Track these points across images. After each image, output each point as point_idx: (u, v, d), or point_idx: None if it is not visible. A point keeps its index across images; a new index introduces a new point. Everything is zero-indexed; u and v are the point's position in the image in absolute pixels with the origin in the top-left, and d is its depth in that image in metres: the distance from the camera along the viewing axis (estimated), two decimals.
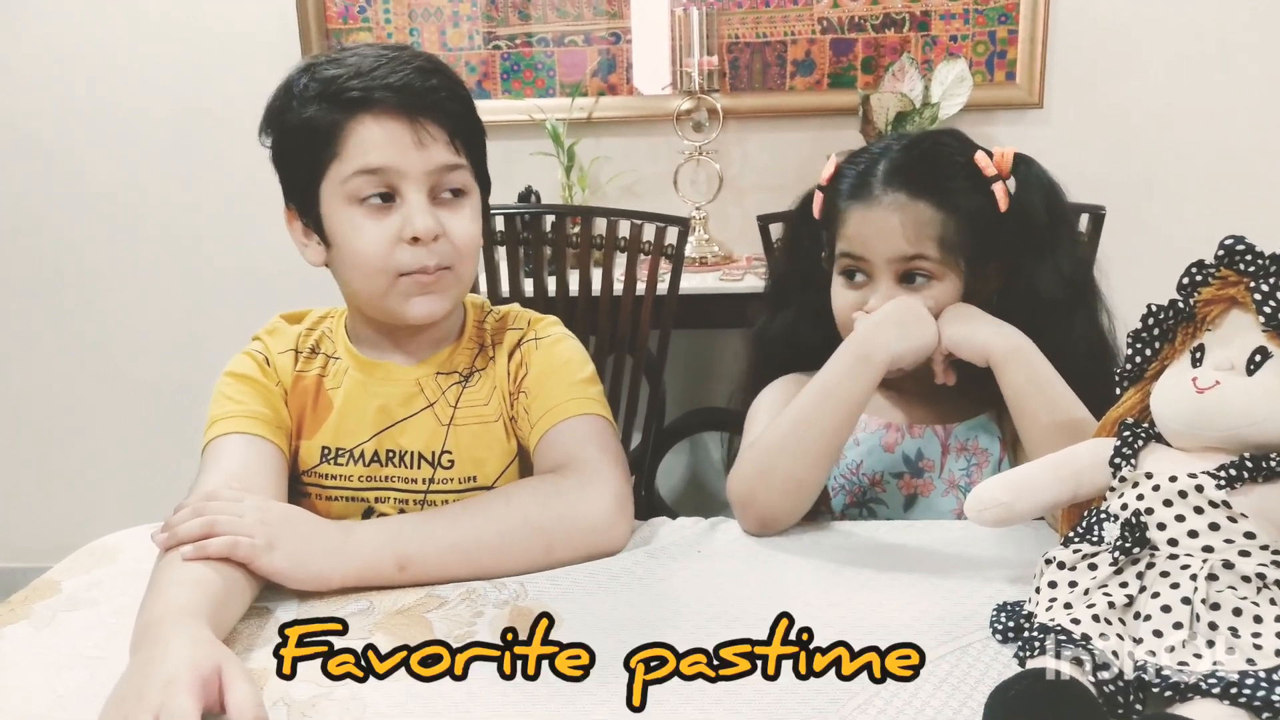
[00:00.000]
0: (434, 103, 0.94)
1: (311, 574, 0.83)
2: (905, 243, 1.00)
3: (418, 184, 0.94)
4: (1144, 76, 2.14)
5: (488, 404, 1.04)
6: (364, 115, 0.93)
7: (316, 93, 0.94)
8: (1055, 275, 1.03)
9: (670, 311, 1.70)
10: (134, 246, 2.34)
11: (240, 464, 0.94)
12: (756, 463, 0.96)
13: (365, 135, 0.93)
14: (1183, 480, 0.69)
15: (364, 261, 0.95)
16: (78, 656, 0.77)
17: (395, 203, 0.95)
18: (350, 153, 0.93)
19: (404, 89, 0.93)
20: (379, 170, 0.93)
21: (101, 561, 0.94)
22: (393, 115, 0.93)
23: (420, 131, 0.93)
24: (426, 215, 0.94)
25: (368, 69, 0.93)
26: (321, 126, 0.93)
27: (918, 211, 1.00)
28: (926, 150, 1.05)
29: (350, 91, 0.92)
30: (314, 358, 1.05)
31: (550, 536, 0.89)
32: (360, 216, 0.95)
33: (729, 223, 2.21)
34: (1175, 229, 2.14)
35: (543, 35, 2.21)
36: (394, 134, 0.93)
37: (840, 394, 0.95)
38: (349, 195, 0.94)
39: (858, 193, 1.03)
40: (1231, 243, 0.71)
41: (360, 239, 0.95)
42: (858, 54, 2.18)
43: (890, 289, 1.01)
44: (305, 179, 0.96)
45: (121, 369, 2.40)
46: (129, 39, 2.24)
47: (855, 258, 1.03)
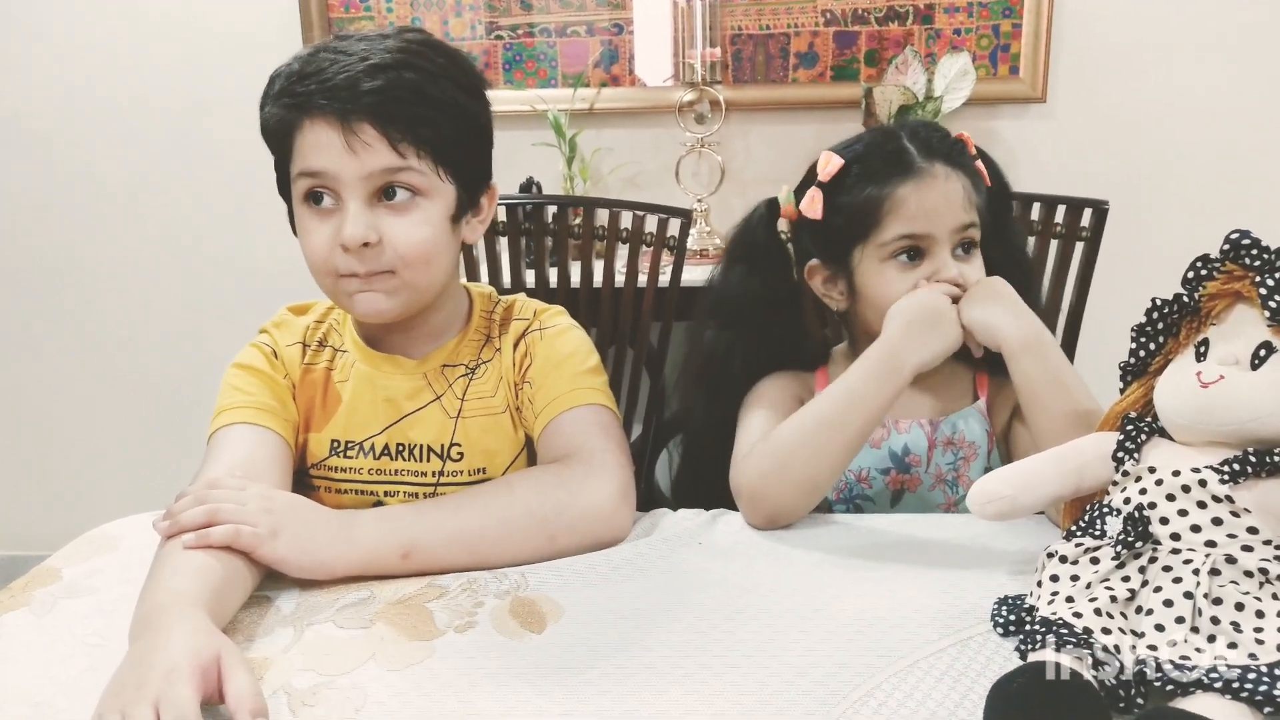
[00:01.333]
0: (372, 105, 0.90)
1: (314, 563, 0.83)
2: (963, 210, 1.02)
3: (353, 188, 0.92)
4: (1147, 71, 2.14)
5: (494, 395, 1.04)
6: (304, 119, 0.92)
7: (276, 91, 0.94)
8: (1022, 239, 1.14)
9: (672, 304, 1.69)
10: (135, 239, 2.33)
11: (245, 453, 0.94)
12: (771, 460, 0.96)
13: (307, 138, 0.92)
14: (1186, 475, 0.69)
15: (311, 262, 0.96)
16: (78, 644, 0.77)
17: (336, 205, 0.93)
18: (297, 154, 0.93)
19: (334, 91, 0.90)
20: (318, 174, 0.92)
21: (102, 549, 0.94)
22: (325, 119, 0.91)
23: (350, 136, 0.90)
24: (354, 223, 0.91)
25: (315, 69, 0.91)
26: (278, 127, 0.94)
27: (961, 180, 1.03)
28: (934, 129, 1.08)
29: (295, 95, 0.92)
30: (321, 350, 1.05)
31: (553, 526, 0.89)
32: (308, 217, 0.95)
33: (731, 215, 2.18)
34: (1177, 224, 2.13)
35: (545, 25, 2.20)
36: (325, 138, 0.91)
37: (867, 400, 0.95)
38: (300, 195, 0.95)
39: (903, 172, 1.02)
40: (1237, 237, 0.71)
41: (307, 239, 0.95)
42: (861, 47, 2.17)
43: (949, 261, 1.02)
44: (280, 174, 0.98)
45: (121, 359, 2.40)
46: (128, 28, 2.23)
47: (918, 236, 1.02)
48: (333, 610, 0.80)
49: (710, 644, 0.74)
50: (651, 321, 1.69)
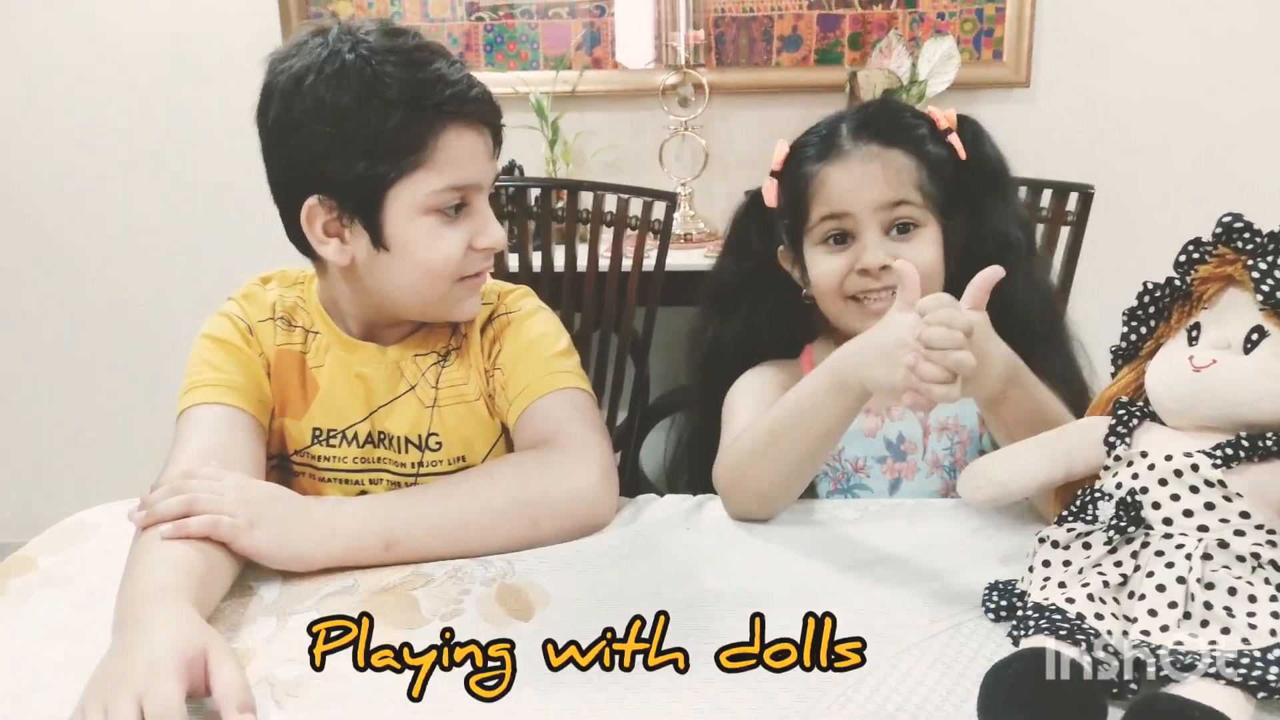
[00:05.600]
0: (491, 114, 0.95)
1: (293, 554, 0.82)
2: (889, 187, 0.99)
3: (485, 194, 0.96)
4: (1131, 57, 2.14)
5: (467, 383, 1.02)
6: (454, 126, 0.91)
7: (406, 97, 0.88)
8: (1016, 217, 1.07)
9: (656, 288, 1.68)
10: (106, 223, 2.30)
11: (219, 438, 0.92)
12: (731, 468, 0.94)
13: (456, 147, 0.92)
14: (1178, 459, 0.69)
15: (437, 268, 0.94)
16: (55, 634, 0.76)
17: (465, 210, 0.95)
18: (438, 164, 0.91)
19: (483, 100, 0.93)
20: (467, 186, 0.93)
21: (77, 538, 0.92)
22: (476, 128, 0.93)
23: (491, 143, 0.96)
24: (498, 226, 0.97)
25: (439, 77, 0.90)
26: (409, 134, 0.89)
27: (894, 158, 1.00)
28: (882, 107, 1.08)
29: (442, 102, 0.90)
30: (293, 330, 1.02)
31: (536, 512, 0.88)
32: (438, 224, 0.93)
33: (714, 199, 2.19)
34: (1160, 209, 2.14)
35: (526, 7, 2.18)
36: (477, 147, 0.94)
37: (813, 417, 0.88)
38: (429, 205, 0.92)
39: (827, 153, 1.02)
40: (1230, 220, 0.71)
41: (437, 247, 0.94)
42: (845, 30, 2.16)
43: (879, 241, 0.99)
44: (372, 183, 0.91)
45: (94, 343, 2.37)
46: (105, 13, 2.19)
47: (838, 215, 1.00)
48: (316, 599, 0.79)
49: (699, 630, 0.73)
50: (636, 306, 1.68)
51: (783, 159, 1.06)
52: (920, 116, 1.05)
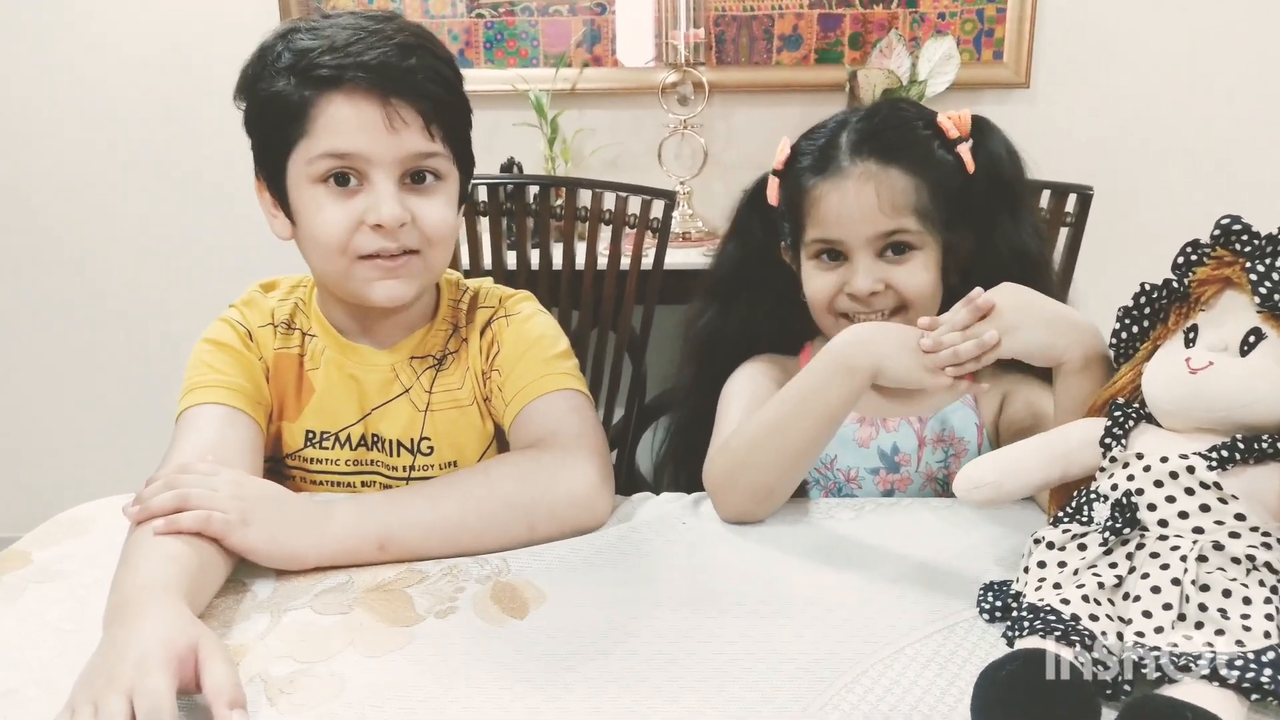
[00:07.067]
0: (411, 84, 0.90)
1: (286, 552, 0.81)
2: (883, 217, 0.96)
3: (386, 169, 0.90)
4: (1131, 58, 2.14)
5: (462, 387, 1.02)
6: (334, 94, 0.89)
7: (289, 64, 0.90)
8: (1030, 229, 1.03)
9: (655, 287, 1.68)
10: (105, 221, 2.29)
11: (216, 436, 0.92)
12: (727, 463, 0.92)
13: (335, 115, 0.89)
14: (1174, 461, 0.69)
15: (324, 242, 0.92)
16: (49, 629, 0.75)
17: (362, 184, 0.91)
18: (319, 132, 0.90)
19: (379, 68, 0.88)
20: (347, 154, 0.90)
21: (72, 532, 0.92)
22: (365, 96, 0.89)
23: (393, 115, 0.89)
24: (393, 203, 0.90)
25: (343, 43, 0.89)
26: (291, 102, 0.89)
27: (891, 180, 0.96)
28: (887, 116, 1.02)
29: (321, 68, 0.88)
30: (291, 333, 1.03)
31: (533, 513, 0.88)
32: (323, 196, 0.91)
33: (713, 198, 2.19)
34: (1159, 210, 2.14)
35: (526, 4, 2.17)
36: (365, 116, 0.89)
37: (816, 404, 0.88)
38: (314, 174, 0.91)
39: (823, 168, 0.99)
40: (1228, 222, 0.70)
41: (321, 218, 0.91)
42: (845, 29, 2.16)
43: (871, 265, 0.98)
44: (274, 152, 0.93)
45: (91, 339, 2.36)
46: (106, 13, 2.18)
47: (831, 241, 0.99)
48: (310, 596, 0.79)
49: (695, 630, 0.73)
50: (634, 305, 1.68)
51: (784, 159, 1.05)
52: (930, 125, 1.01)
